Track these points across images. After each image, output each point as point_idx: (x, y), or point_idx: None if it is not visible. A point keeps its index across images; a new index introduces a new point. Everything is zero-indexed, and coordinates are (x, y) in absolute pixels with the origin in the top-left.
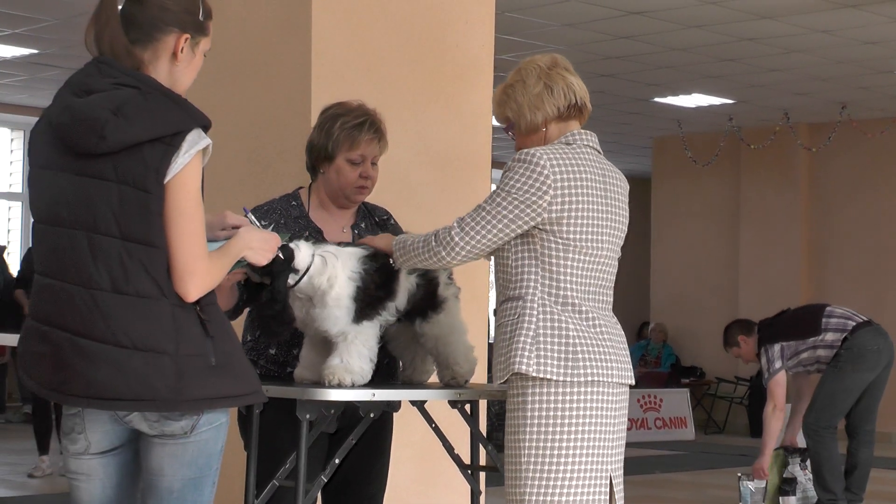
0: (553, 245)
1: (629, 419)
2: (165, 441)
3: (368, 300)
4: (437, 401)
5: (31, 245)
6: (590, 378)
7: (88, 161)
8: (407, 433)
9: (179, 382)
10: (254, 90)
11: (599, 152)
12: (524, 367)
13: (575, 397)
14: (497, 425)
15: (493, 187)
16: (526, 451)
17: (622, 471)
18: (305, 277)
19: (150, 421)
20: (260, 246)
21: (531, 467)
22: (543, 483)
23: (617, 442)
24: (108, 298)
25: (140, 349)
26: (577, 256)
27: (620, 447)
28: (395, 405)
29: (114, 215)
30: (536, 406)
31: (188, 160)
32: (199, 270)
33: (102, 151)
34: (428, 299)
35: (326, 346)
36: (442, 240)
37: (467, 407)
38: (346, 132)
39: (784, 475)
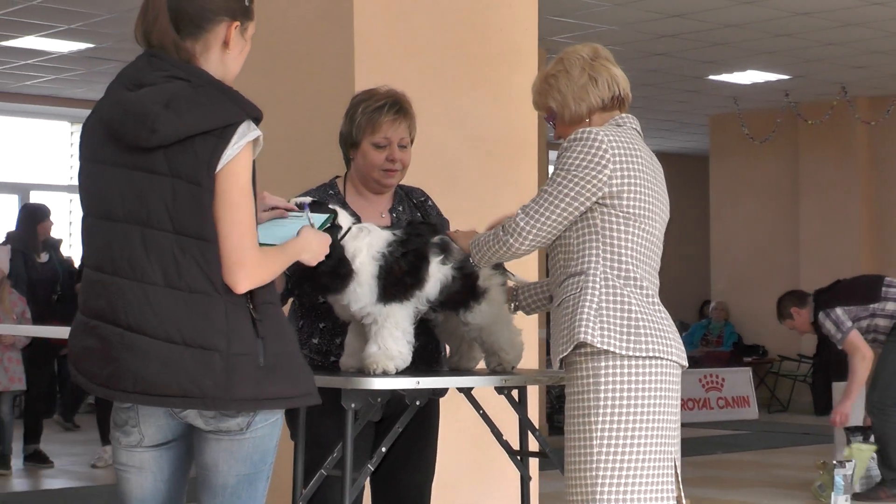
0: (613, 218)
1: (691, 399)
2: (221, 437)
3: (393, 282)
4: (485, 387)
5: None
6: (652, 353)
7: (140, 155)
8: (458, 420)
9: (228, 381)
10: (298, 80)
11: (642, 136)
12: (588, 337)
13: (639, 370)
14: (558, 408)
15: (551, 169)
16: (599, 427)
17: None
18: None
19: (205, 417)
20: (318, 249)
21: (603, 447)
22: (615, 462)
23: (677, 423)
24: (161, 293)
25: (190, 345)
26: (635, 230)
27: (678, 429)
28: (440, 391)
29: (167, 209)
30: (604, 380)
31: (237, 151)
32: (249, 262)
33: (153, 145)
34: (467, 290)
35: (366, 332)
36: (509, 229)
37: (514, 393)
38: (367, 116)
39: (843, 454)
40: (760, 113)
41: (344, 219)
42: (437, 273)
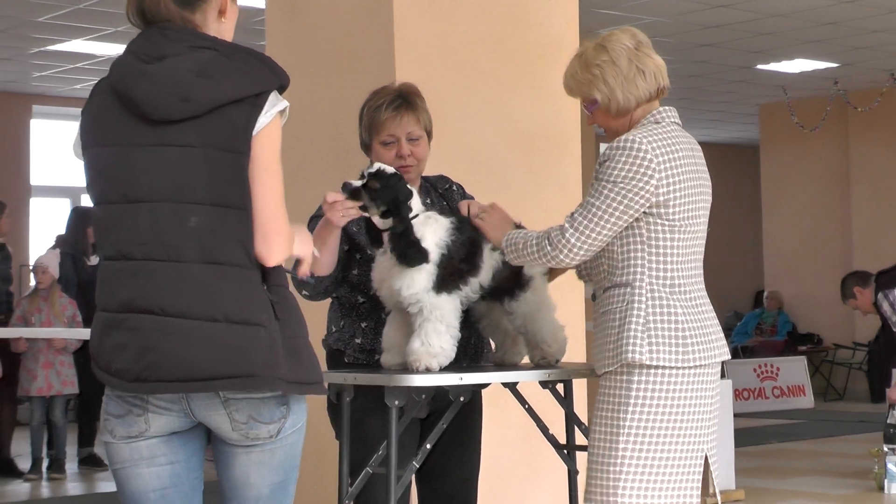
0: (659, 227)
1: (746, 389)
2: (250, 449)
3: (451, 270)
4: (530, 382)
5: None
6: (699, 362)
7: (167, 129)
8: (504, 415)
9: (273, 358)
10: (338, 79)
11: (681, 125)
12: (637, 356)
13: (683, 383)
14: None
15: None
16: (625, 435)
17: (716, 444)
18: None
19: (236, 422)
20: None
21: (629, 450)
22: (640, 466)
23: (713, 420)
24: (198, 271)
25: (234, 322)
26: (681, 237)
27: (716, 423)
28: (484, 385)
29: (203, 182)
30: (643, 391)
31: (270, 119)
32: (285, 232)
33: (185, 115)
34: (514, 278)
35: (408, 324)
36: (556, 242)
37: (559, 387)
38: (370, 116)
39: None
40: (810, 101)
41: (415, 202)
42: (490, 260)
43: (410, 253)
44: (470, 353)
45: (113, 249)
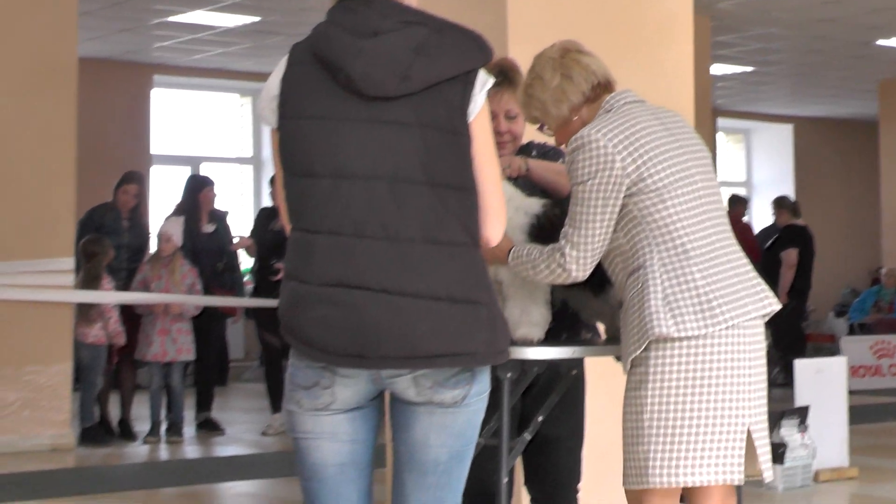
0: (648, 202)
1: (862, 366)
2: (433, 410)
3: (544, 238)
4: None
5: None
6: (729, 323)
7: (381, 106)
8: (611, 389)
9: (493, 334)
10: None
11: (643, 102)
12: (663, 330)
13: (716, 346)
14: None
15: (719, 136)
16: (648, 409)
17: (765, 417)
18: None
19: (420, 387)
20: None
21: (654, 425)
22: (669, 443)
23: (755, 387)
24: (420, 249)
25: (458, 301)
26: (676, 200)
27: (760, 391)
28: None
29: (420, 161)
30: (667, 365)
31: (483, 98)
32: (504, 213)
33: (402, 93)
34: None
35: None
36: (563, 263)
37: None
38: None
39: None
40: None
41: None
42: None
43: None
44: (567, 324)
45: (315, 223)
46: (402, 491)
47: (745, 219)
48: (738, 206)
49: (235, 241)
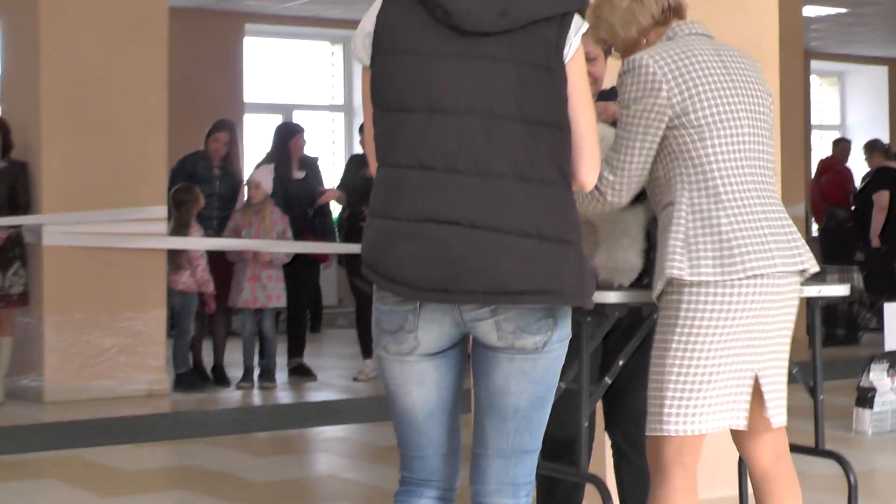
0: (688, 137)
1: None
2: (514, 356)
3: None
4: None
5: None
6: (749, 273)
7: (477, 42)
8: None
9: (582, 274)
10: None
11: (710, 37)
12: (677, 272)
13: (732, 297)
14: (822, 320)
15: (812, 78)
16: (671, 357)
17: (779, 365)
18: None
19: (502, 331)
20: None
21: (674, 369)
22: (685, 391)
23: (772, 339)
24: (511, 186)
25: (547, 239)
26: (716, 140)
27: (777, 341)
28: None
29: (514, 97)
30: (689, 307)
31: (579, 41)
32: (599, 155)
33: (500, 29)
34: None
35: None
36: (600, 186)
37: None
38: None
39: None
40: None
41: None
42: None
43: None
44: (651, 269)
45: (407, 157)
46: (483, 436)
47: (848, 163)
48: (840, 147)
49: (326, 189)
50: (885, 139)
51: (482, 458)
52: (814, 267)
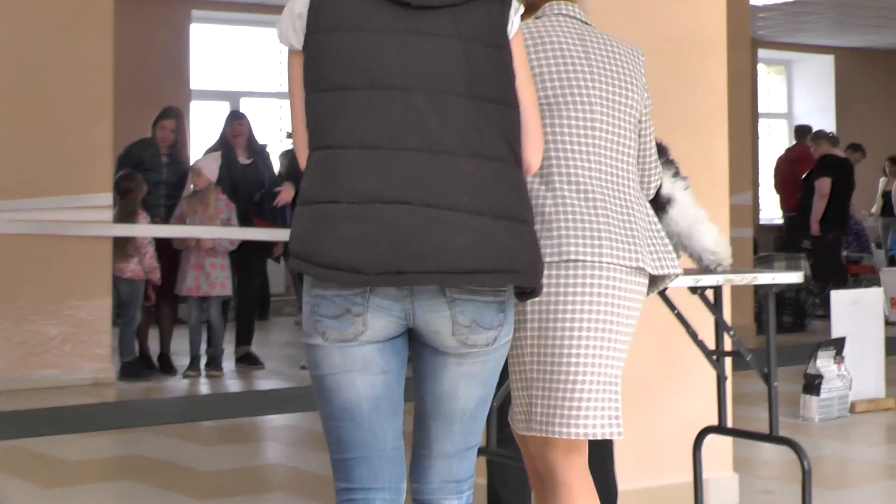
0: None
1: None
2: (463, 359)
3: None
4: (680, 288)
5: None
6: (566, 257)
7: (421, 17)
8: (651, 321)
9: (535, 256)
10: None
11: (584, 22)
12: None
13: (549, 279)
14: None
15: (760, 67)
16: (514, 345)
17: (603, 368)
18: None
19: (458, 325)
20: None
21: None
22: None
23: (598, 331)
24: (462, 163)
25: (500, 217)
26: (556, 121)
27: (604, 340)
28: None
29: (461, 73)
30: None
31: (519, 22)
32: (542, 136)
33: (445, 3)
34: (653, 201)
35: None
36: None
37: (709, 293)
38: None
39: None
40: None
41: None
42: None
43: None
44: None
45: (346, 138)
46: (427, 438)
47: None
48: (804, 136)
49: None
50: (832, 128)
51: (425, 458)
52: (650, 267)
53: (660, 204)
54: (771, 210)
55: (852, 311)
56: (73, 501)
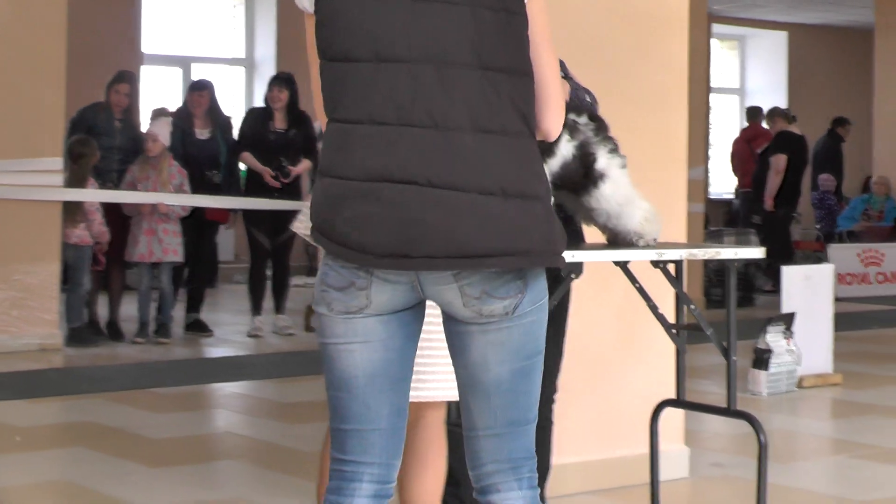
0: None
1: (850, 274)
2: (485, 327)
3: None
4: (642, 262)
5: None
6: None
7: None
8: (607, 294)
9: (551, 231)
10: None
11: None
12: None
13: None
14: (716, 282)
15: (713, 42)
16: None
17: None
18: None
19: (468, 297)
20: None
21: None
22: None
23: None
24: (469, 139)
25: (511, 196)
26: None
27: None
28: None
29: (471, 42)
30: None
31: None
32: (563, 104)
33: None
34: (584, 172)
35: None
36: None
37: (671, 267)
38: None
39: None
40: None
41: None
42: (563, 149)
43: None
44: (572, 237)
45: (355, 111)
46: (470, 417)
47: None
48: (755, 117)
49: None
50: (783, 104)
51: (473, 439)
52: None
53: (592, 178)
54: (721, 185)
55: (803, 286)
56: (23, 468)
